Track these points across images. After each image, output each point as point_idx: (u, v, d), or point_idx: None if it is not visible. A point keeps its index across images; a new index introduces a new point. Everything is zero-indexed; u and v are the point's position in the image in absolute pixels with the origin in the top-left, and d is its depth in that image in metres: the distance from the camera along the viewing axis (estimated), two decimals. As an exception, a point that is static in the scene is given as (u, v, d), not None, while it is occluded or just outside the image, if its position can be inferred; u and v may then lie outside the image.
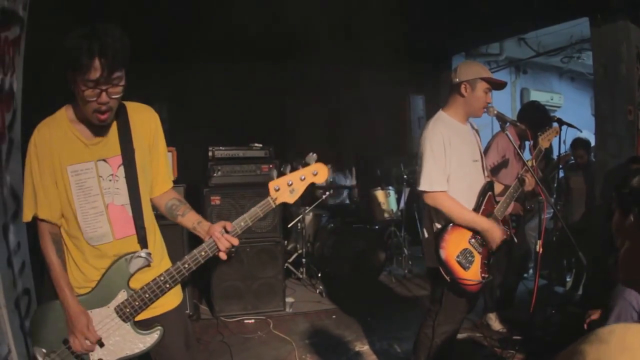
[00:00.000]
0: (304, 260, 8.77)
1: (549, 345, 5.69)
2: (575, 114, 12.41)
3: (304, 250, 8.76)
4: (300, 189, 3.13)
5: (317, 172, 3.12)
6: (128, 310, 3.00)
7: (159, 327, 3.12)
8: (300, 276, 8.78)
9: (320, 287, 8.34)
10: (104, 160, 3.03)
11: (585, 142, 8.30)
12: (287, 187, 3.08)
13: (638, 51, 6.80)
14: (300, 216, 8.78)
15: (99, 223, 3.03)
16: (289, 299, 7.68)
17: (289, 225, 8.76)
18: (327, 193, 8.95)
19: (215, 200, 7.09)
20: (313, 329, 6.88)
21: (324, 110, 10.68)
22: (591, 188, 7.73)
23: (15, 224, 4.24)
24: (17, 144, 4.33)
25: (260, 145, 7.54)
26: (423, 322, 4.65)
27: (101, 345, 3.01)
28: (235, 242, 3.05)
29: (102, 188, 3.02)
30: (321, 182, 3.22)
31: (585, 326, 4.35)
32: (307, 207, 8.91)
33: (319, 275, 8.59)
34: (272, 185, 3.08)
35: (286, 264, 8.34)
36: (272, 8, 7.86)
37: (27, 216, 3.02)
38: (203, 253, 3.01)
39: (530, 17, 8.05)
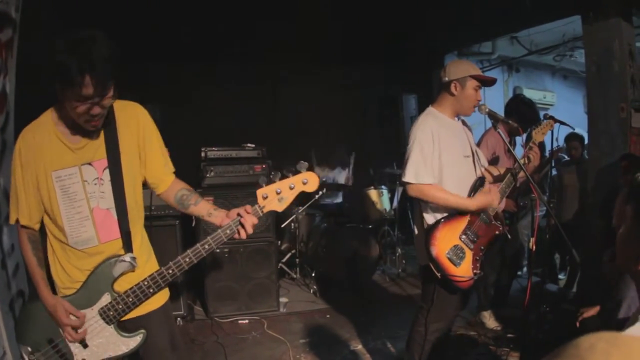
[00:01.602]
0: (297, 260, 8.77)
1: (543, 343, 5.70)
2: (568, 111, 12.43)
3: (297, 250, 8.76)
4: (289, 197, 3.15)
5: (307, 181, 3.14)
6: (112, 313, 3.02)
7: (142, 331, 3.13)
8: (294, 276, 8.78)
9: (314, 286, 8.35)
10: (89, 163, 3.03)
11: (580, 136, 8.32)
12: (275, 196, 3.12)
13: (630, 48, 6.82)
14: (294, 216, 8.77)
15: (84, 227, 3.03)
16: (282, 299, 7.69)
17: (283, 225, 8.76)
18: (320, 193, 8.94)
19: (209, 200, 7.07)
20: (307, 328, 6.88)
21: (316, 109, 10.69)
22: (584, 185, 7.75)
23: (9, 226, 4.24)
24: (10, 146, 4.32)
25: (253, 145, 7.54)
26: (415, 320, 4.66)
27: (85, 346, 3.02)
28: (256, 220, 3.14)
29: (87, 192, 3.02)
30: (311, 190, 3.19)
31: (578, 324, 4.36)
32: (300, 207, 8.91)
33: (313, 275, 8.60)
34: (260, 193, 3.11)
35: (280, 264, 8.34)
36: (266, 9, 7.88)
37: (12, 219, 3.07)
38: (187, 259, 3.02)
39: (522, 15, 8.06)
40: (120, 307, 3.01)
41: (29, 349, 2.98)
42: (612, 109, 6.83)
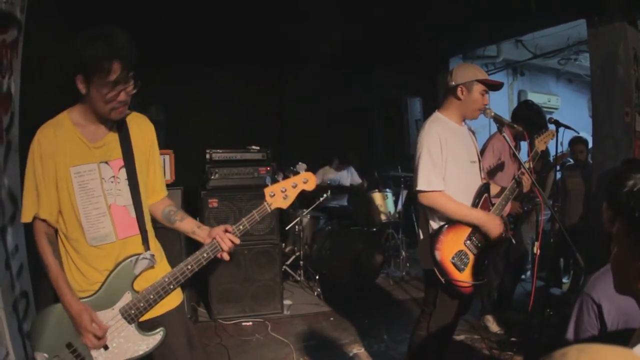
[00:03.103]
0: (301, 262, 8.76)
1: (546, 347, 5.69)
2: (572, 115, 12.41)
3: (301, 252, 8.74)
4: (292, 195, 3.36)
5: (307, 180, 3.39)
6: (133, 312, 3.06)
7: (162, 328, 3.18)
8: (298, 278, 8.78)
9: (318, 289, 8.33)
10: (106, 162, 3.10)
11: (585, 139, 8.30)
12: (281, 194, 3.31)
13: (635, 52, 6.81)
14: (298, 218, 8.77)
15: (102, 223, 3.08)
16: (286, 302, 7.67)
17: (287, 228, 8.76)
18: (325, 195, 8.93)
19: (213, 203, 7.09)
20: (311, 331, 6.88)
21: (321, 112, 10.69)
22: (588, 189, 7.74)
23: (13, 226, 4.24)
24: (15, 147, 4.33)
25: (258, 147, 7.54)
26: (417, 324, 4.66)
27: (105, 348, 3.03)
28: (237, 241, 3.22)
29: (105, 189, 3.08)
30: (310, 189, 3.42)
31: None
32: (304, 210, 8.91)
33: (317, 277, 8.57)
34: (267, 191, 3.29)
35: (284, 267, 8.33)
36: (269, 10, 7.88)
37: (27, 216, 3.04)
38: (205, 255, 3.11)
39: (527, 19, 8.06)
40: (142, 305, 3.06)
41: (46, 355, 2.96)
42: (616, 113, 6.83)
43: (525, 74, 14.19)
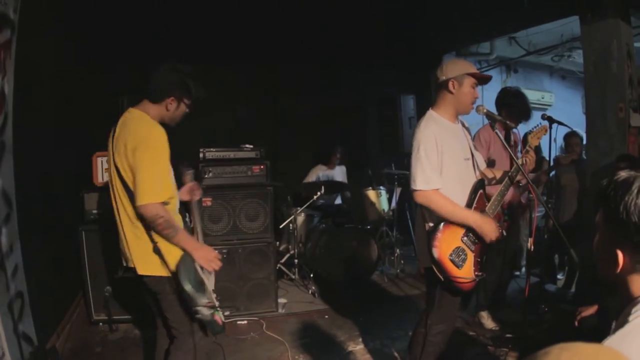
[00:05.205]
0: (296, 260, 8.72)
1: (541, 344, 5.68)
2: (566, 112, 12.45)
3: (296, 250, 8.71)
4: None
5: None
6: None
7: None
8: (293, 277, 8.75)
9: (313, 287, 8.32)
10: None
11: (579, 134, 8.30)
12: None
13: (628, 49, 6.83)
14: (292, 217, 8.75)
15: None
16: (281, 300, 7.69)
17: (281, 226, 8.72)
18: (319, 193, 8.91)
19: (207, 201, 7.07)
20: (306, 329, 6.88)
21: (315, 110, 10.69)
22: (583, 185, 7.75)
23: (8, 226, 4.23)
24: (8, 148, 4.32)
25: (251, 146, 7.52)
26: (418, 321, 4.67)
27: None
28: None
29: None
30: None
31: (576, 323, 4.36)
32: (298, 208, 8.90)
33: (311, 275, 8.57)
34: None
35: (278, 265, 8.29)
36: (265, 9, 7.88)
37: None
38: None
39: (520, 16, 8.06)
40: None
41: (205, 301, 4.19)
42: (610, 109, 6.84)
43: (519, 70, 14.22)
